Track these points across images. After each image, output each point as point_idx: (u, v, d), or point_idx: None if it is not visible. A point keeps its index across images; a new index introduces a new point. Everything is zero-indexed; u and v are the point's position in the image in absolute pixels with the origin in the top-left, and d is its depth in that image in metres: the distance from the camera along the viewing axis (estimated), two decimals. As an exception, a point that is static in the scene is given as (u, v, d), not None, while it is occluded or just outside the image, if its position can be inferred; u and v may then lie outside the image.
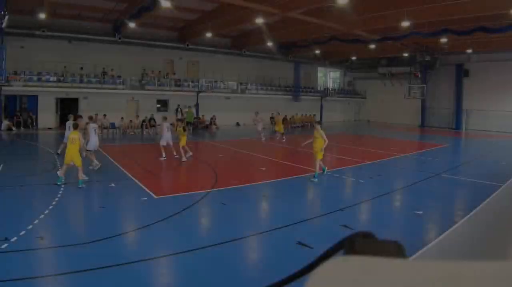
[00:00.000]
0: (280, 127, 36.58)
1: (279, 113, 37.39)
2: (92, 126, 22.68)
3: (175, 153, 25.81)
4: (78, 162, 17.54)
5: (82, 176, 17.64)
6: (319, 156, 19.89)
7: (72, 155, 17.50)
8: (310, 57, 68.28)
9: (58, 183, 17.20)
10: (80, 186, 17.20)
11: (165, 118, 27.47)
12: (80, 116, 25.72)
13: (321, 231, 12.89)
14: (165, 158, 25.11)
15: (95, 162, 21.41)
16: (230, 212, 14.82)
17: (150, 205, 15.47)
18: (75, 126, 18.70)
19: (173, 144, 25.79)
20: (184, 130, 25.69)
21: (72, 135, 17.77)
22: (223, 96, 57.47)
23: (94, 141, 22.12)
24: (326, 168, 20.54)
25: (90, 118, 25.69)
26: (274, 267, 10.03)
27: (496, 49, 53.35)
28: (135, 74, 50.72)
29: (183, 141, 25.35)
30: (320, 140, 19.91)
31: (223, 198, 16.52)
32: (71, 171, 18.18)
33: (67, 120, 26.17)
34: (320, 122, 21.76)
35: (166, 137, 26.12)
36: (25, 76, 42.76)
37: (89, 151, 21.61)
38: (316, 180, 19.65)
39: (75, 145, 17.52)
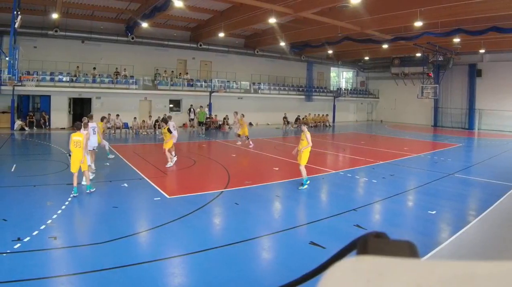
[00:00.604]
0: (244, 131, 34.51)
1: (243, 115, 35.18)
2: (91, 125, 22.34)
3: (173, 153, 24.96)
4: (83, 165, 16.37)
5: (88, 180, 16.74)
6: (302, 162, 19.02)
7: (79, 160, 16.16)
8: (323, 57, 68.16)
9: (87, 190, 16.42)
10: (88, 190, 16.44)
11: (169, 118, 26.32)
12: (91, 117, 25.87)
13: (333, 231, 12.81)
14: (175, 158, 24.69)
15: (92, 166, 20.70)
16: (243, 212, 14.78)
17: (163, 205, 15.48)
18: (79, 127, 17.15)
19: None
20: (170, 131, 24.29)
21: (76, 138, 16.29)
22: (235, 96, 57.32)
23: (93, 140, 21.97)
24: (308, 181, 19.08)
25: (103, 118, 25.63)
26: (287, 267, 10.02)
27: (509, 49, 53.06)
28: (148, 74, 50.82)
29: (168, 143, 24.03)
30: (304, 143, 19.23)
31: (236, 198, 16.49)
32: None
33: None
34: (307, 124, 21.13)
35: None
36: (38, 76, 42.85)
37: (89, 150, 21.69)
38: (305, 187, 18.55)
39: (81, 148, 16.13)
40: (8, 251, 10.12)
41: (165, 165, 22.87)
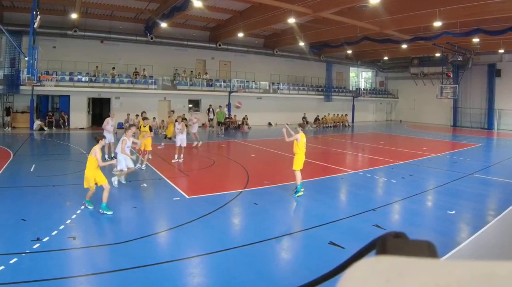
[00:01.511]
0: (170, 131, 32.82)
1: (173, 112, 33.67)
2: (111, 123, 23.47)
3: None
4: (101, 179, 14.10)
5: (104, 198, 13.85)
6: (295, 167, 17.37)
7: (91, 176, 13.90)
8: (342, 57, 67.98)
9: (101, 209, 13.81)
10: (101, 210, 13.73)
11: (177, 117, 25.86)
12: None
13: (353, 231, 12.77)
14: (181, 160, 24.61)
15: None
16: (262, 212, 14.76)
17: (182, 205, 15.52)
18: (97, 140, 14.46)
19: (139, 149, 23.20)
20: (150, 130, 23.35)
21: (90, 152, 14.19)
22: (255, 96, 57.25)
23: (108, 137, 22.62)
24: (303, 189, 17.47)
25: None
26: (306, 267, 10.02)
27: (529, 49, 52.26)
28: (167, 74, 51.03)
29: (148, 144, 22.75)
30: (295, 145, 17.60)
31: (255, 198, 16.49)
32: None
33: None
34: (302, 125, 19.67)
35: (180, 138, 25.10)
36: (57, 76, 43.20)
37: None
38: (298, 194, 17.00)
39: (88, 163, 14.02)
40: (27, 251, 10.15)
41: (182, 164, 22.97)
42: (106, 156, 23.26)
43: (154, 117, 42.93)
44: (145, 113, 26.11)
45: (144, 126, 23.24)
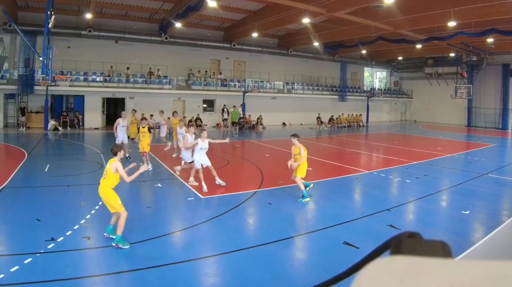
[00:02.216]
0: (133, 133, 29.44)
1: (135, 111, 32.06)
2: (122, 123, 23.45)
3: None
4: (114, 202, 11.32)
5: (120, 229, 10.95)
6: (299, 174, 16.82)
7: (112, 195, 11.43)
8: (357, 57, 67.92)
9: (105, 233, 11.57)
10: (115, 244, 10.80)
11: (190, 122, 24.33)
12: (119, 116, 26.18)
13: (367, 231, 12.75)
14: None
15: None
16: (277, 212, 14.77)
17: (197, 205, 15.60)
18: (114, 153, 11.93)
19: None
20: (149, 131, 22.57)
21: (107, 165, 11.73)
22: (269, 96, 57.34)
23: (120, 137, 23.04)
24: (311, 184, 17.70)
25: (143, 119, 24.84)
26: (320, 267, 10.01)
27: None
28: (181, 74, 51.24)
29: (145, 145, 21.92)
30: (299, 158, 17.06)
31: (270, 198, 16.51)
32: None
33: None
34: (296, 135, 19.11)
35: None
36: (71, 76, 43.48)
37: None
38: (306, 199, 16.56)
39: (106, 180, 11.46)
40: (42, 251, 10.18)
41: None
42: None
43: (168, 118, 43.05)
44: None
45: (143, 127, 22.58)
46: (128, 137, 27.88)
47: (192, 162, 18.45)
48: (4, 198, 15.40)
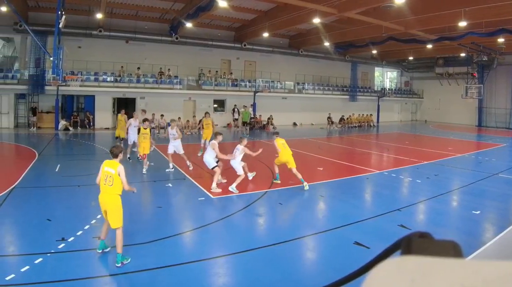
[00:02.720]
0: (121, 133, 28.90)
1: (123, 110, 30.98)
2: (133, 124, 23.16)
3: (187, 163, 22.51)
4: (115, 215, 10.18)
5: (120, 246, 9.88)
6: (292, 165, 18.82)
7: (114, 204, 10.29)
8: (367, 57, 67.80)
9: (99, 250, 10.45)
10: (120, 263, 9.70)
11: (173, 121, 23.40)
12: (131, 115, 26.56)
13: (378, 231, 12.75)
14: (172, 169, 22.17)
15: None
16: (287, 212, 14.89)
17: (207, 205, 15.64)
18: (115, 153, 10.95)
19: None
20: (151, 133, 22.07)
21: (108, 169, 10.50)
22: (280, 96, 57.25)
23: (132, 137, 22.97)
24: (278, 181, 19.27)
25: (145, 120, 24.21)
26: (331, 267, 10.03)
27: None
28: (192, 74, 51.22)
29: (146, 147, 21.60)
30: (286, 151, 19.33)
31: (280, 198, 16.54)
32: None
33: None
34: (277, 133, 20.93)
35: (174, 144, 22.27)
36: (82, 76, 43.60)
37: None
38: (306, 186, 18.10)
39: (113, 186, 10.35)
40: (52, 251, 10.20)
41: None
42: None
43: (179, 118, 43.05)
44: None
45: (145, 129, 22.06)
46: (117, 137, 28.02)
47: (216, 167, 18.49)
48: (15, 198, 15.42)
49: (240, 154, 18.22)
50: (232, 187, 17.47)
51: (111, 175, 10.25)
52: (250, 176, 19.65)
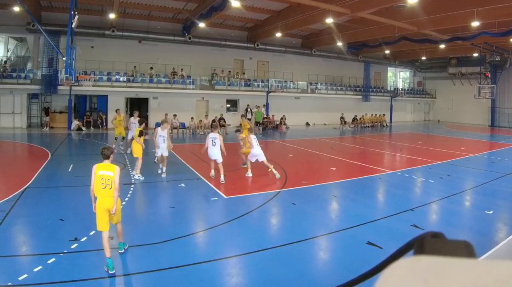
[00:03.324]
0: (121, 131, 29.43)
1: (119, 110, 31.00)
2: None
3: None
4: (118, 216, 10.46)
5: (121, 236, 10.61)
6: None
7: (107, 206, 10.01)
8: (380, 57, 67.80)
9: (121, 249, 10.59)
10: (122, 249, 10.50)
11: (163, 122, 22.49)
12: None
13: (391, 231, 12.73)
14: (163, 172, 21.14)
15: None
16: (300, 212, 14.69)
17: (220, 205, 15.66)
18: (107, 154, 10.92)
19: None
20: (141, 134, 20.38)
21: (104, 172, 10.25)
22: (292, 96, 57.26)
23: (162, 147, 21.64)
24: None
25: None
26: (344, 267, 10.01)
27: None
28: (204, 74, 51.35)
29: (137, 150, 20.16)
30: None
31: (293, 198, 16.45)
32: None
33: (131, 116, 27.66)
34: (250, 129, 22.70)
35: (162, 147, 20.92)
36: (95, 76, 43.80)
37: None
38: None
39: (112, 189, 10.06)
40: (65, 251, 10.23)
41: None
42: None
43: (192, 118, 43.08)
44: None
45: (137, 129, 20.83)
46: (117, 137, 28.05)
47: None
48: (28, 198, 15.47)
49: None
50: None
51: (110, 177, 10.05)
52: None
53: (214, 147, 19.53)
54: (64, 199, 15.60)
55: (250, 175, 20.80)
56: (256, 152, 20.35)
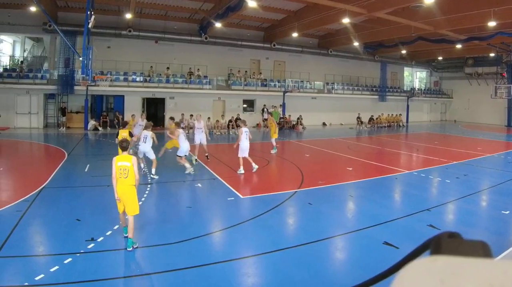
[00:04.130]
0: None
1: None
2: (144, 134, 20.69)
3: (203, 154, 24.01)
4: (133, 204, 11.08)
5: (131, 232, 10.74)
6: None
7: (131, 194, 11.13)
8: (397, 57, 67.55)
9: (129, 248, 10.62)
10: (131, 247, 10.54)
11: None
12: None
13: (407, 231, 12.68)
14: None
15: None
16: (317, 212, 14.68)
17: (237, 205, 15.61)
18: (124, 145, 12.65)
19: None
20: (131, 136, 20.49)
21: (122, 163, 11.33)
22: (309, 96, 57.25)
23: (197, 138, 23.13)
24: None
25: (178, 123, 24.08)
26: (360, 267, 9.96)
27: None
28: (221, 74, 51.37)
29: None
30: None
31: (310, 198, 16.41)
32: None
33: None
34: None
35: (198, 138, 24.43)
36: (111, 76, 43.72)
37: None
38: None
39: (128, 178, 11.10)
40: (81, 251, 10.26)
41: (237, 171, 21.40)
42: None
43: (208, 118, 43.18)
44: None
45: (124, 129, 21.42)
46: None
47: None
48: (45, 198, 15.54)
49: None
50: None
51: (126, 167, 11.07)
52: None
53: (246, 141, 20.56)
54: (81, 199, 15.65)
55: (242, 171, 20.95)
56: (244, 146, 20.77)
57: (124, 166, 11.09)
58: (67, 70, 42.32)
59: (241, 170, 20.81)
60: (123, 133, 19.87)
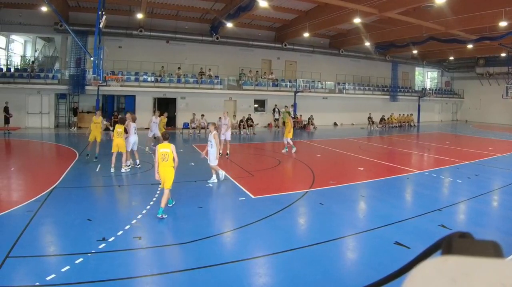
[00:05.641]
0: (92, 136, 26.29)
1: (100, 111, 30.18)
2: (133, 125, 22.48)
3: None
4: (169, 181, 13.61)
5: (164, 202, 13.33)
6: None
7: (170, 173, 13.78)
8: (408, 57, 67.61)
9: (158, 215, 13.01)
10: (160, 215, 13.01)
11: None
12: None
13: (418, 231, 12.56)
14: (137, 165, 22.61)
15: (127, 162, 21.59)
16: (328, 212, 14.65)
17: (248, 205, 15.50)
18: (166, 138, 14.79)
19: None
20: (126, 132, 21.88)
21: (164, 149, 13.92)
22: (320, 96, 57.36)
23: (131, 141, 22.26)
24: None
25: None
26: (371, 267, 9.91)
27: None
28: (232, 74, 51.55)
29: (120, 145, 21.37)
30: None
31: (321, 198, 16.37)
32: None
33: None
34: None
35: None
36: (122, 76, 44.02)
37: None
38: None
39: (168, 161, 13.77)
40: (93, 251, 10.25)
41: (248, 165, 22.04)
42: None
43: (220, 118, 43.31)
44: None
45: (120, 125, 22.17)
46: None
47: None
48: (56, 198, 15.53)
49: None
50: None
51: (167, 153, 13.83)
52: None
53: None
54: (92, 199, 15.72)
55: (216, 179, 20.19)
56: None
57: (165, 151, 13.81)
58: (78, 70, 42.61)
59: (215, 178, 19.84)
60: (118, 129, 21.58)
